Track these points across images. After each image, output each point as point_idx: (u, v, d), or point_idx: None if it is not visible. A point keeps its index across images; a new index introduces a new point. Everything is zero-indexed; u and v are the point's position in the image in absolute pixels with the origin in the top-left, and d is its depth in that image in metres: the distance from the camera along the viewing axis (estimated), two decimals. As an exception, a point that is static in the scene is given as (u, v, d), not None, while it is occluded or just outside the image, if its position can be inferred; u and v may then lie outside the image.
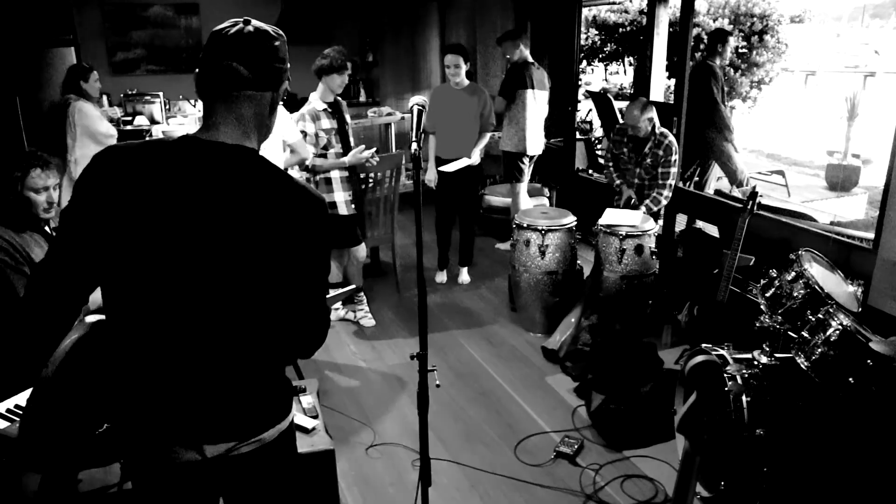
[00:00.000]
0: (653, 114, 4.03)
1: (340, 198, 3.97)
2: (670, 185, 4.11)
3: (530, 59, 5.05)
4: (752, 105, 8.33)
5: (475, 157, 4.62)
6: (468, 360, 3.87)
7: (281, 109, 3.97)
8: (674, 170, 4.06)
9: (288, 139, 3.78)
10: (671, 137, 4.09)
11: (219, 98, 1.32)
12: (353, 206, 4.01)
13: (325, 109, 3.88)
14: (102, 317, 1.54)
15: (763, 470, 2.34)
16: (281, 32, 1.38)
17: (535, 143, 5.11)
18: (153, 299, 1.30)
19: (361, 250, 4.17)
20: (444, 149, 4.69)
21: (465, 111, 4.60)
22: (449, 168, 4.56)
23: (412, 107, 2.14)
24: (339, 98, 4.03)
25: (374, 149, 4.00)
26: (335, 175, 3.94)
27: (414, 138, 2.01)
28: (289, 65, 1.40)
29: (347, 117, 4.07)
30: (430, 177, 4.72)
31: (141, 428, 1.38)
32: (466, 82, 4.59)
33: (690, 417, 1.77)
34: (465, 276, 5.03)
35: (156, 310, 1.31)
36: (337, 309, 4.36)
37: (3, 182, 2.40)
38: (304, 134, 3.82)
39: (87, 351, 1.76)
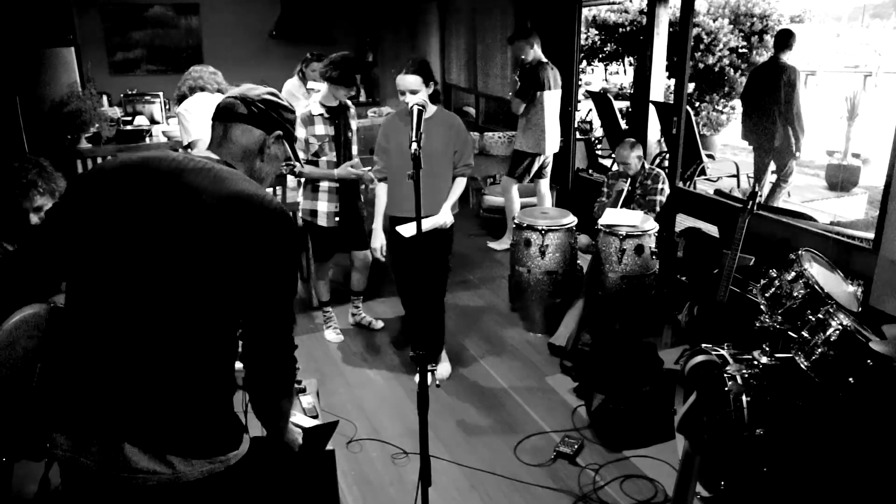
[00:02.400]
0: (640, 151, 4.28)
1: (323, 208, 3.75)
2: (657, 211, 4.24)
3: (544, 59, 5.19)
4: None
5: (446, 215, 3.26)
6: (468, 359, 3.87)
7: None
8: (659, 198, 4.23)
9: None
10: (658, 169, 4.33)
11: (217, 123, 1.58)
12: (336, 218, 3.76)
13: (321, 114, 3.62)
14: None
15: (763, 470, 2.34)
16: (291, 107, 1.67)
17: (553, 143, 5.29)
18: (101, 300, 1.41)
19: (360, 255, 3.95)
20: (399, 204, 3.27)
21: (432, 151, 3.08)
22: (405, 231, 3.14)
23: (412, 107, 2.14)
24: (348, 102, 3.76)
25: (368, 168, 3.70)
26: (323, 184, 3.72)
27: (414, 138, 2.01)
28: (290, 122, 1.65)
29: (353, 123, 3.79)
30: (377, 244, 3.37)
31: (64, 415, 1.41)
32: (433, 109, 3.20)
33: (690, 417, 1.77)
34: (446, 367, 3.66)
35: (101, 310, 1.41)
36: (356, 314, 4.26)
37: (2, 193, 2.36)
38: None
39: (35, 329, 1.79)
